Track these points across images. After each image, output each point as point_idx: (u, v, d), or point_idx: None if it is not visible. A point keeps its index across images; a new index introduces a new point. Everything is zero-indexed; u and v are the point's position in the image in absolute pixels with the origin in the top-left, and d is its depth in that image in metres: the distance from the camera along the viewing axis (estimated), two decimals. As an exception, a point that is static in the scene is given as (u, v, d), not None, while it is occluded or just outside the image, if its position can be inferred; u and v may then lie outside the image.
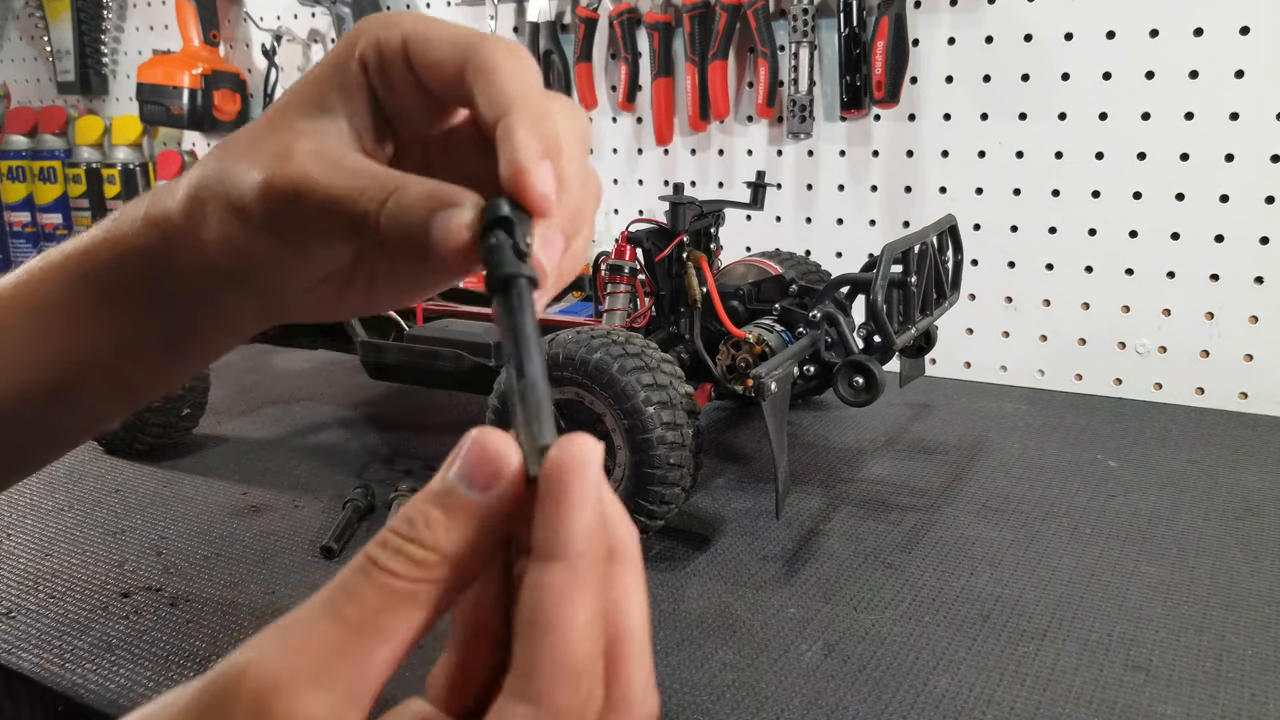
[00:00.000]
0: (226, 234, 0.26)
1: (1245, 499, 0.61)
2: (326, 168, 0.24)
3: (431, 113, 0.27)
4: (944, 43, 0.84)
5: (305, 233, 0.26)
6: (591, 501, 0.17)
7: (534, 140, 0.22)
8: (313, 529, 0.59)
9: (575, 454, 0.17)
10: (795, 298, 0.66)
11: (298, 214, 0.25)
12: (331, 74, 0.26)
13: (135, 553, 0.56)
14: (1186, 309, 0.79)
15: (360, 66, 0.25)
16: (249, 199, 0.25)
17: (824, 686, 0.43)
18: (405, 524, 0.18)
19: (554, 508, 0.17)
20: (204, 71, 1.20)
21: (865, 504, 0.61)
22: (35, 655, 0.46)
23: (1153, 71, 0.77)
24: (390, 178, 0.24)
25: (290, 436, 0.75)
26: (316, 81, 0.26)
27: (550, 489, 0.17)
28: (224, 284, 0.28)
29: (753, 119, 0.95)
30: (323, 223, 0.24)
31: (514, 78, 0.23)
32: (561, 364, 0.53)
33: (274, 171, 0.25)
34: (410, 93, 0.26)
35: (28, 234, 1.39)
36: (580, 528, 0.17)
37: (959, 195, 0.87)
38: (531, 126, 0.22)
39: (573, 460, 0.17)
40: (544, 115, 0.23)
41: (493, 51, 0.24)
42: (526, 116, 0.22)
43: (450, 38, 0.24)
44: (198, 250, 0.27)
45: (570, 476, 0.17)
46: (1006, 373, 0.88)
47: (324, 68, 0.26)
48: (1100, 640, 0.46)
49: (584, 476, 0.17)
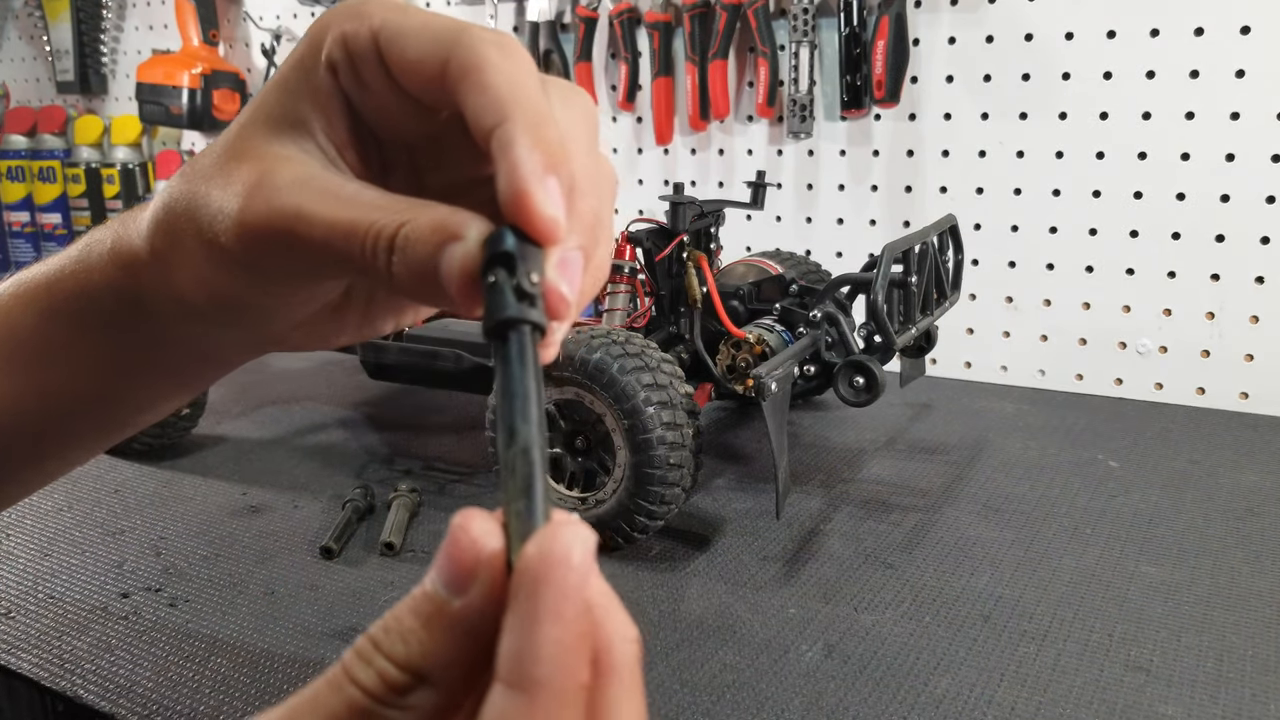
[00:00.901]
0: (201, 273, 0.23)
1: (1246, 499, 0.61)
2: (318, 199, 0.21)
3: (415, 115, 0.23)
4: (944, 42, 0.84)
5: (294, 272, 0.22)
6: (569, 614, 0.14)
7: (534, 153, 0.19)
8: (312, 529, 0.59)
9: (554, 549, 0.14)
10: (795, 297, 0.66)
11: (287, 253, 0.21)
12: (298, 80, 0.22)
13: (134, 553, 0.56)
14: (1187, 309, 0.79)
15: (329, 71, 0.22)
16: (225, 237, 0.22)
17: (824, 687, 0.42)
18: (381, 631, 0.16)
19: (517, 621, 0.14)
20: (203, 71, 1.20)
21: (866, 504, 0.61)
22: (34, 656, 0.46)
23: (1153, 71, 0.77)
24: (397, 208, 0.20)
25: (289, 437, 0.75)
26: (283, 89, 0.23)
27: (516, 597, 0.14)
28: (201, 322, 0.25)
29: (753, 118, 0.94)
30: (317, 261, 0.21)
31: (505, 76, 0.20)
32: (561, 364, 0.53)
33: (253, 205, 0.21)
34: (388, 94, 0.22)
35: (27, 234, 1.39)
36: (548, 651, 0.14)
37: (959, 195, 0.87)
38: (530, 136, 0.19)
39: (549, 558, 0.14)
40: (543, 119, 0.19)
41: (478, 47, 0.20)
42: (523, 123, 0.19)
43: (427, 31, 0.21)
44: (169, 289, 0.24)
45: (541, 583, 0.14)
46: (1007, 373, 0.88)
47: (290, 71, 0.23)
48: (1101, 641, 0.46)
49: (560, 581, 0.14)
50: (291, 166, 0.22)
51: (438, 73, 0.21)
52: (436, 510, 0.61)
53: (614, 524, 0.53)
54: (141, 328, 0.26)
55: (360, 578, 0.53)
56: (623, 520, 0.53)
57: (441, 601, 0.15)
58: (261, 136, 0.22)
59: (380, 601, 0.50)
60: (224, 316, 0.24)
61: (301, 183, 0.21)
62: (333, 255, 0.21)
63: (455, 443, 0.73)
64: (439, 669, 0.15)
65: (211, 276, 0.23)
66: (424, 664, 0.15)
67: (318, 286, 0.24)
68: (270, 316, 0.25)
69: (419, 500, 0.61)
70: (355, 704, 0.15)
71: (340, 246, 0.20)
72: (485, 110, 0.20)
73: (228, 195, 0.22)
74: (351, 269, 0.21)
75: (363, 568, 0.54)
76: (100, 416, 0.28)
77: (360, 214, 0.20)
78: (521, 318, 0.17)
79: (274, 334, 0.26)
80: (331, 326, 0.27)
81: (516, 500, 0.15)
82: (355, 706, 0.15)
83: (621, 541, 0.54)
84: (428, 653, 0.15)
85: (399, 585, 0.52)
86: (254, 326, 0.25)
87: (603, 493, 0.53)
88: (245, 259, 0.22)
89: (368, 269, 0.20)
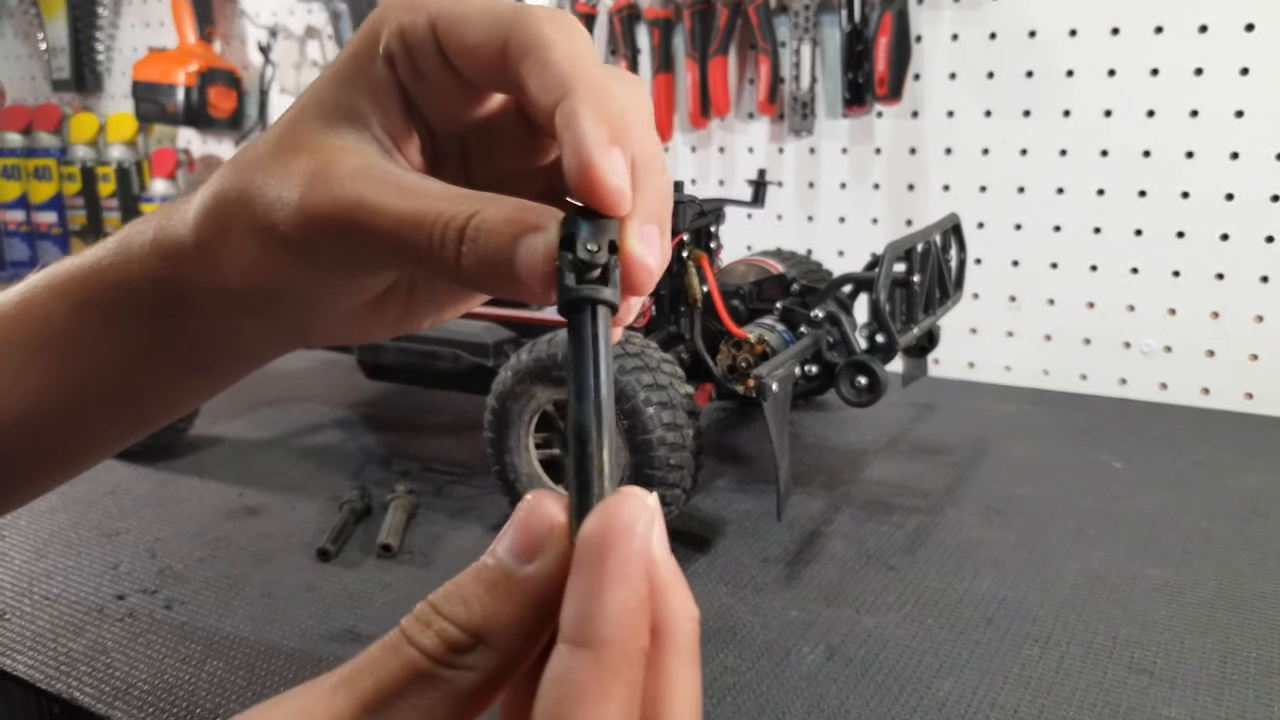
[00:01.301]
0: (250, 262, 0.23)
1: (1251, 500, 0.61)
2: (381, 189, 0.21)
3: (469, 102, 0.23)
4: (947, 39, 0.84)
5: (350, 261, 0.22)
6: (632, 578, 0.15)
7: (599, 126, 0.19)
8: (309, 531, 0.58)
9: (618, 519, 0.15)
10: (797, 297, 0.66)
11: (347, 243, 0.21)
12: (355, 72, 0.22)
13: (130, 554, 0.56)
14: (1192, 308, 0.79)
15: (386, 63, 0.22)
16: (285, 225, 0.22)
17: (826, 690, 0.42)
18: (443, 597, 0.16)
19: (582, 584, 0.15)
20: (199, 69, 1.19)
21: (867, 505, 0.61)
22: (30, 657, 0.45)
23: (1157, 69, 0.76)
24: (465, 199, 0.20)
25: (286, 438, 0.75)
26: (337, 82, 0.23)
27: (581, 561, 0.15)
28: (243, 313, 0.25)
29: (754, 116, 0.94)
30: (376, 251, 0.21)
31: (567, 54, 0.20)
32: (561, 364, 0.52)
33: (314, 194, 0.21)
34: (444, 82, 0.22)
35: (23, 233, 1.38)
36: (613, 611, 0.14)
37: (962, 193, 0.86)
38: (595, 110, 0.19)
39: (612, 527, 0.15)
40: (606, 93, 0.19)
41: (538, 25, 0.20)
42: (587, 98, 0.19)
43: (485, 15, 0.21)
44: (214, 279, 0.24)
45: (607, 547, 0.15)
46: (1010, 373, 0.88)
47: (345, 64, 0.23)
48: (1104, 643, 0.45)
49: (625, 547, 0.15)
50: (351, 157, 0.22)
51: (498, 54, 0.21)
52: (434, 512, 0.60)
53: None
54: (177, 319, 0.26)
55: (357, 579, 0.52)
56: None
57: (509, 570, 0.16)
58: (317, 128, 0.22)
59: (378, 603, 0.50)
60: (267, 305, 0.24)
61: (362, 173, 0.21)
62: (396, 245, 0.21)
63: (453, 444, 0.72)
64: (499, 631, 0.16)
65: (263, 265, 0.23)
66: (485, 626, 0.16)
67: (370, 277, 0.24)
68: (314, 307, 0.25)
69: (417, 502, 0.60)
70: (414, 664, 0.16)
71: (407, 235, 0.20)
72: (547, 87, 0.20)
73: (286, 185, 0.22)
74: (412, 260, 0.21)
75: (360, 569, 0.54)
76: (122, 412, 0.28)
77: (426, 205, 0.20)
78: (595, 297, 0.18)
79: (312, 327, 0.26)
80: (371, 319, 0.26)
81: (579, 475, 0.16)
82: (413, 666, 0.16)
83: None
84: (489, 615, 0.16)
85: (396, 587, 0.51)
86: (295, 318, 0.25)
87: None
88: (303, 248, 0.22)
89: (432, 259, 0.20)
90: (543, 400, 0.54)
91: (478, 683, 0.16)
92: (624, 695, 0.14)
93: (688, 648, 0.16)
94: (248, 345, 0.27)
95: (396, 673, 0.16)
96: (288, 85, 1.24)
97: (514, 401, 0.55)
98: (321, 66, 1.20)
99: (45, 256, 1.37)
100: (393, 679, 0.16)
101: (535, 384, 0.54)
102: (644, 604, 0.15)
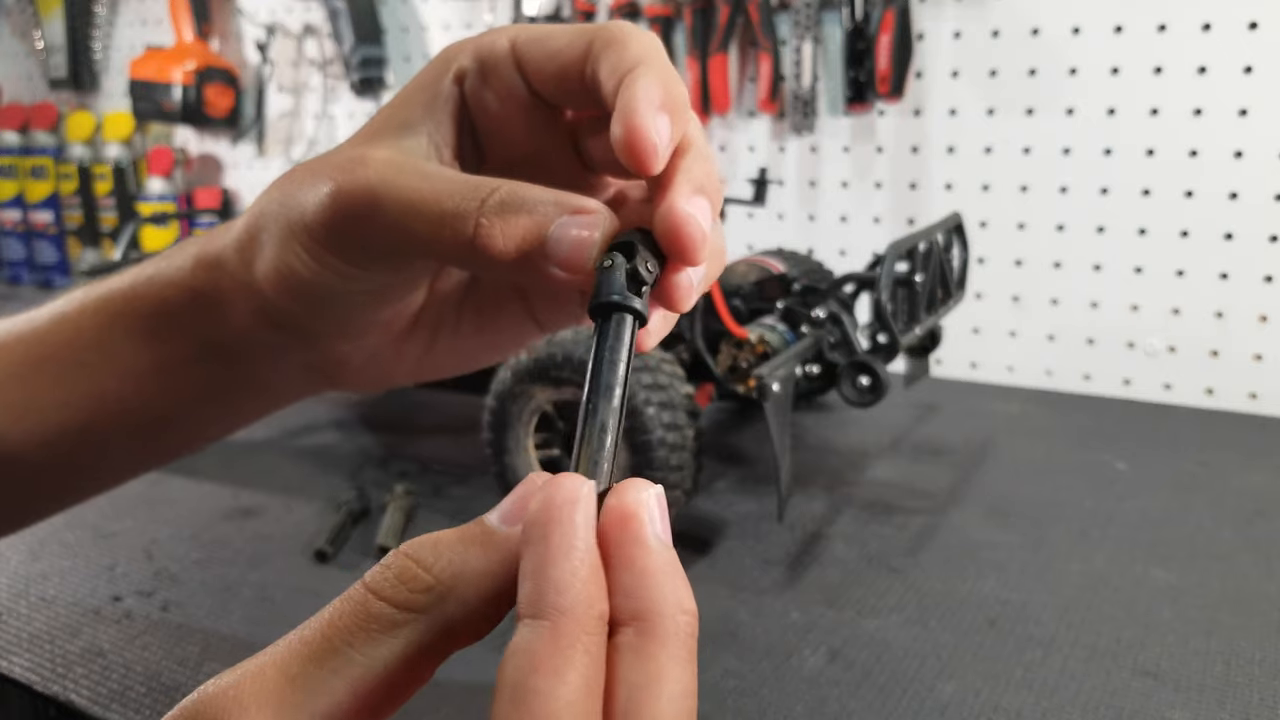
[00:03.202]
0: (282, 260, 0.23)
1: (1255, 501, 0.60)
2: (405, 173, 0.21)
3: (528, 126, 0.24)
4: (949, 37, 0.83)
5: (375, 248, 0.23)
6: (578, 548, 0.15)
7: (655, 90, 0.19)
8: (306, 532, 0.58)
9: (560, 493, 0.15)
10: (798, 296, 0.65)
11: (367, 225, 0.22)
12: (418, 93, 0.24)
13: (126, 556, 0.55)
14: (1196, 308, 0.78)
15: (455, 81, 0.23)
16: (313, 214, 0.22)
17: (828, 693, 0.42)
18: (415, 543, 0.16)
19: (530, 560, 0.15)
20: (196, 67, 1.19)
21: (870, 507, 0.61)
22: (26, 659, 0.45)
23: (1161, 67, 0.76)
24: (488, 180, 0.21)
25: (283, 438, 0.74)
26: (405, 102, 0.24)
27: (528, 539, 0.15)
28: (272, 328, 0.25)
29: (755, 114, 0.94)
30: (398, 234, 0.21)
31: (644, 45, 0.21)
32: (560, 364, 0.52)
33: (342, 180, 0.22)
34: (510, 100, 0.23)
35: (19, 232, 1.38)
36: (561, 580, 0.14)
37: (965, 192, 0.86)
38: (656, 78, 0.20)
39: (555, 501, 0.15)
40: (672, 76, 0.20)
41: (619, 27, 0.22)
42: (652, 71, 0.20)
43: (569, 29, 0.22)
44: (247, 292, 0.25)
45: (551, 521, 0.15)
46: (1013, 373, 0.87)
47: (411, 89, 0.24)
48: (1108, 645, 0.45)
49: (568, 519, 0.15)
50: (385, 150, 0.22)
51: (579, 56, 0.22)
52: (432, 513, 0.60)
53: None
54: (209, 334, 0.26)
55: (355, 581, 0.52)
56: (623, 523, 0.52)
57: (490, 529, 0.16)
58: (371, 135, 0.24)
59: (376, 606, 0.49)
60: (297, 317, 0.25)
61: (390, 161, 0.22)
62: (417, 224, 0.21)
63: (452, 444, 0.72)
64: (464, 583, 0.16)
65: (292, 261, 0.23)
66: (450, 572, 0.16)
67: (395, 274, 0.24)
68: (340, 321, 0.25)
69: (415, 502, 0.60)
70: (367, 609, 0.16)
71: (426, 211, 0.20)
72: (619, 66, 0.21)
73: (321, 178, 0.22)
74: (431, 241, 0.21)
75: (358, 571, 0.53)
76: (140, 436, 0.28)
77: (447, 185, 0.21)
78: (626, 304, 0.19)
79: (337, 356, 0.26)
80: (392, 354, 0.27)
81: (580, 465, 0.17)
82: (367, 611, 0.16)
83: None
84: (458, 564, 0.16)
85: (395, 589, 0.51)
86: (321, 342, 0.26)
87: (602, 495, 0.53)
88: (329, 235, 0.22)
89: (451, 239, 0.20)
90: (542, 401, 0.54)
91: (433, 633, 0.16)
92: (583, 664, 0.14)
93: (679, 640, 0.15)
94: (272, 376, 0.27)
95: (349, 619, 0.16)
96: (285, 83, 1.23)
97: (513, 402, 0.54)
98: (319, 64, 1.20)
99: (41, 256, 1.37)
100: (345, 626, 0.16)
101: (534, 384, 0.54)
102: (595, 573, 0.15)
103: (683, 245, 0.19)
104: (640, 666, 0.15)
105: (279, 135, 1.26)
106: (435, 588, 0.16)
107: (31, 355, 0.27)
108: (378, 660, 0.15)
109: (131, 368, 0.27)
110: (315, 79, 1.21)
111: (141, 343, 0.27)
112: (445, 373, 0.28)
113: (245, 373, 0.27)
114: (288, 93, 1.24)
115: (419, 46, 1.13)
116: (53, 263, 1.36)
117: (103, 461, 0.29)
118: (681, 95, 0.20)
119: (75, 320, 0.27)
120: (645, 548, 0.15)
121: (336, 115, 1.21)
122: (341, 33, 1.12)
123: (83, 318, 0.27)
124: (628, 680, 0.15)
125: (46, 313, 0.28)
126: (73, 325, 0.27)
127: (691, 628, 0.16)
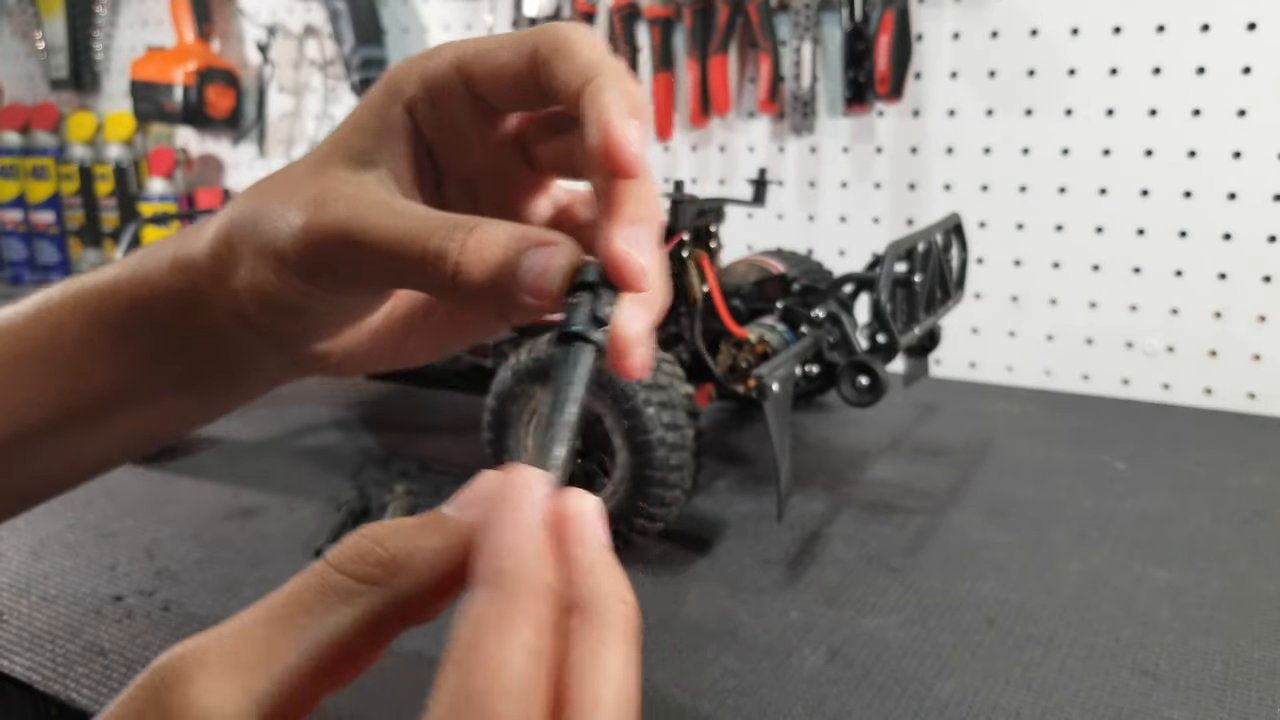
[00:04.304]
0: (258, 280, 0.25)
1: (1254, 501, 0.61)
2: (374, 210, 0.23)
3: (482, 140, 0.25)
4: (949, 37, 0.84)
5: (347, 279, 0.24)
6: (526, 523, 0.16)
7: (623, 99, 0.21)
8: (307, 532, 0.58)
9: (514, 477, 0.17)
10: (797, 297, 0.66)
11: (343, 260, 0.23)
12: (366, 118, 0.25)
13: (127, 555, 0.56)
14: (1194, 308, 0.79)
15: (405, 110, 0.24)
16: (286, 244, 0.23)
17: (827, 692, 0.42)
18: (376, 525, 0.18)
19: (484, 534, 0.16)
20: (197, 68, 1.19)
21: (869, 507, 0.61)
22: (27, 659, 0.45)
23: (1160, 67, 0.76)
24: (462, 217, 0.22)
25: (284, 438, 0.74)
26: (353, 129, 0.25)
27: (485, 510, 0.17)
28: (249, 331, 0.26)
29: (754, 115, 0.94)
30: (373, 268, 0.23)
31: (589, 46, 0.22)
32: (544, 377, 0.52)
33: (313, 216, 0.23)
34: (465, 118, 0.25)
35: (20, 233, 1.38)
36: (511, 547, 0.16)
37: (964, 192, 0.86)
38: (619, 88, 0.21)
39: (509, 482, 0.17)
40: (628, 77, 0.22)
41: (560, 29, 0.23)
42: (612, 78, 0.22)
43: (509, 38, 0.23)
44: (225, 296, 0.26)
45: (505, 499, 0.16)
46: (1012, 373, 0.87)
47: (363, 114, 0.25)
48: (1107, 645, 0.45)
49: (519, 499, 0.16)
50: (350, 186, 0.24)
51: (527, 65, 0.23)
52: (434, 512, 0.60)
53: (613, 527, 0.52)
54: (184, 335, 0.27)
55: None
56: (622, 523, 0.52)
57: (445, 515, 0.18)
58: (327, 163, 0.25)
59: (376, 605, 0.49)
60: (272, 325, 0.26)
61: (357, 197, 0.23)
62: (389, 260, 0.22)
63: (452, 444, 0.72)
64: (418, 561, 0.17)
65: (267, 282, 0.24)
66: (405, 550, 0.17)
67: (368, 298, 0.26)
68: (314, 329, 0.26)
69: (415, 502, 0.60)
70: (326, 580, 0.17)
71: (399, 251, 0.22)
72: (575, 73, 0.22)
73: (291, 210, 0.24)
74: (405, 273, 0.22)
75: (359, 571, 0.53)
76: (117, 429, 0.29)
77: (416, 223, 0.22)
78: (588, 337, 0.21)
79: (312, 353, 0.27)
80: (367, 349, 0.28)
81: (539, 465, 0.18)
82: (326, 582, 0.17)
83: (621, 544, 0.53)
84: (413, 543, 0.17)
85: (395, 589, 0.51)
86: (295, 342, 0.27)
87: (602, 495, 0.53)
88: (303, 266, 0.24)
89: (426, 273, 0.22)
90: (542, 401, 0.54)
91: (386, 604, 0.17)
92: (531, 630, 0.15)
93: (617, 627, 0.16)
94: (248, 367, 0.28)
95: (310, 590, 0.17)
96: (286, 84, 1.23)
97: (513, 402, 0.54)
98: (320, 65, 1.20)
99: (43, 256, 1.37)
100: (305, 596, 0.17)
101: (534, 384, 0.54)
102: (542, 548, 0.16)
103: (624, 278, 0.21)
104: (584, 647, 0.16)
105: (280, 136, 1.26)
106: (389, 564, 0.17)
107: (9, 350, 0.27)
108: (334, 627, 0.17)
109: (107, 367, 0.27)
110: (316, 80, 1.21)
111: (121, 338, 0.27)
112: (420, 360, 0.30)
113: (222, 366, 0.28)
114: (289, 93, 1.24)
115: (419, 47, 1.13)
116: (54, 263, 1.36)
117: (79, 452, 0.29)
118: (643, 98, 0.22)
119: (54, 315, 0.28)
120: (585, 545, 0.17)
121: (337, 116, 1.21)
122: (342, 34, 1.12)
123: (62, 314, 0.28)
124: (572, 662, 0.15)
125: (24, 308, 0.28)
126: (52, 320, 0.28)
127: (631, 616, 0.17)
